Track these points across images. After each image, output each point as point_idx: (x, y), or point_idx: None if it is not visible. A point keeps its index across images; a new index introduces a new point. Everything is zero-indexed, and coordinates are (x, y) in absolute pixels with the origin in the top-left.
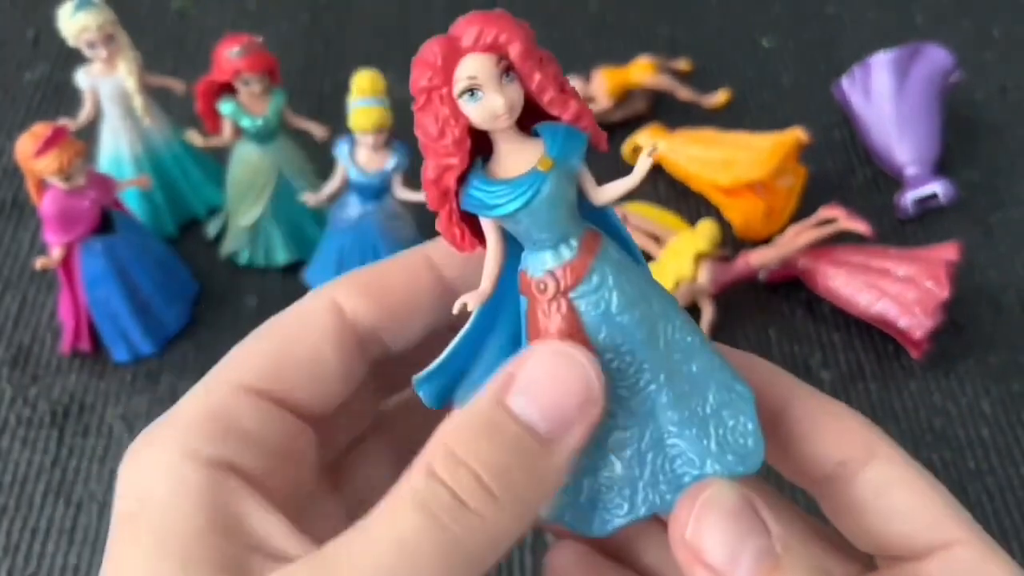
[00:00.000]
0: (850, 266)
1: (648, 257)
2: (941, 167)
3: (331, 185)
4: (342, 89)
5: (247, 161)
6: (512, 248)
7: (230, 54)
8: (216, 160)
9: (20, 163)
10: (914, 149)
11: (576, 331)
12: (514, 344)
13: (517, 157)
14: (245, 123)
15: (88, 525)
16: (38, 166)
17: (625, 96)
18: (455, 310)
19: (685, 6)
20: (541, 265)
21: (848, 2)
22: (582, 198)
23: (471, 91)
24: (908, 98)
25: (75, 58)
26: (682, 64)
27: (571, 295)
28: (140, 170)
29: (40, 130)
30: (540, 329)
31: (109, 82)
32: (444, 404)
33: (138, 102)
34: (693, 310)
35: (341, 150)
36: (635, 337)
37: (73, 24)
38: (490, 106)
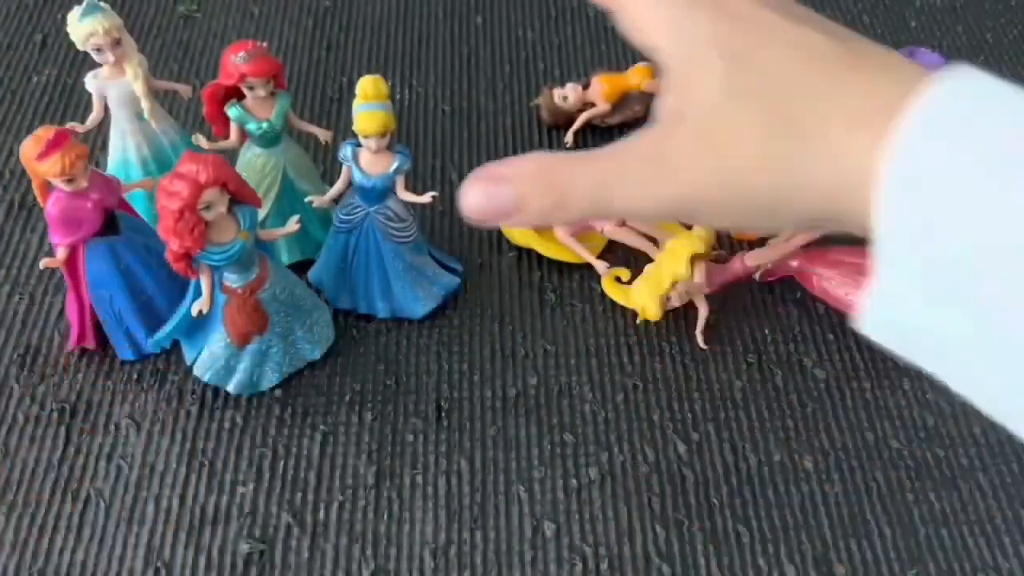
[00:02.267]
0: (844, 266)
1: (647, 259)
2: None
3: (336, 187)
4: (345, 93)
5: (253, 164)
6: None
7: (236, 59)
8: None
9: (24, 165)
10: None
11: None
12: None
13: (226, 226)
14: (251, 127)
15: (95, 522)
16: (41, 168)
17: (623, 100)
18: (193, 313)
19: None
20: (241, 279)
21: (842, 6)
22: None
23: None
24: None
25: (82, 62)
26: None
27: (257, 293)
28: (147, 172)
29: (44, 133)
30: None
31: (117, 86)
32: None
33: (145, 105)
34: (689, 308)
35: (345, 153)
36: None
37: (81, 29)
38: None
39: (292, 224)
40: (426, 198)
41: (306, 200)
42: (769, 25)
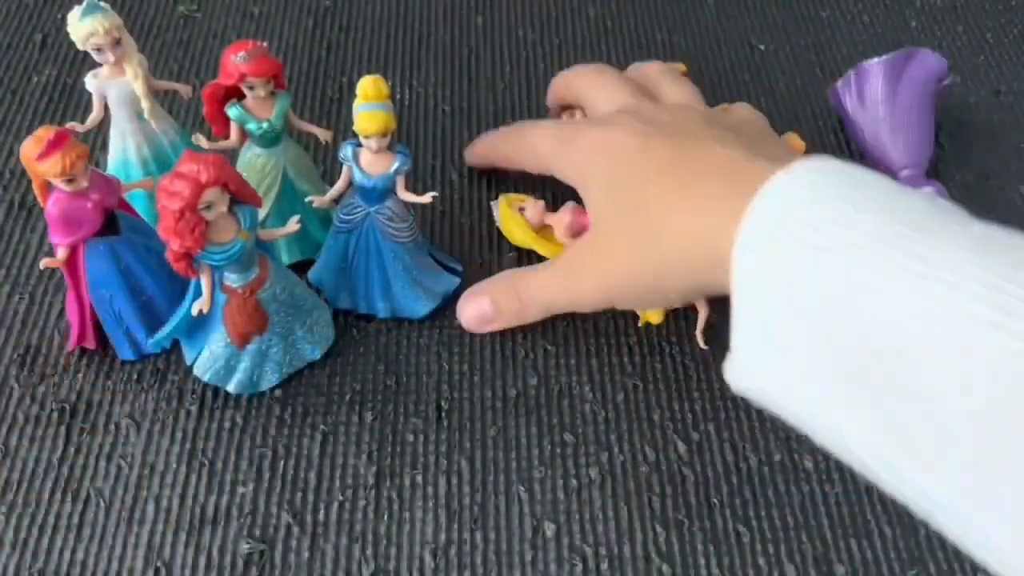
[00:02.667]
0: None
1: None
2: (934, 170)
3: (336, 187)
4: (345, 93)
5: (253, 164)
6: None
7: (236, 59)
8: None
9: (25, 166)
10: (907, 152)
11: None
12: (217, 323)
13: (226, 226)
14: (251, 127)
15: (95, 522)
16: (42, 169)
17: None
18: (193, 313)
19: (682, 12)
20: (241, 279)
21: (843, 6)
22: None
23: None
24: (901, 102)
25: (82, 62)
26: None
27: (257, 293)
28: (147, 172)
29: (43, 133)
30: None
31: (117, 85)
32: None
33: (145, 105)
34: (690, 308)
35: (345, 153)
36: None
37: (81, 28)
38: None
39: (293, 224)
40: (426, 198)
41: (306, 200)
42: (629, 157)
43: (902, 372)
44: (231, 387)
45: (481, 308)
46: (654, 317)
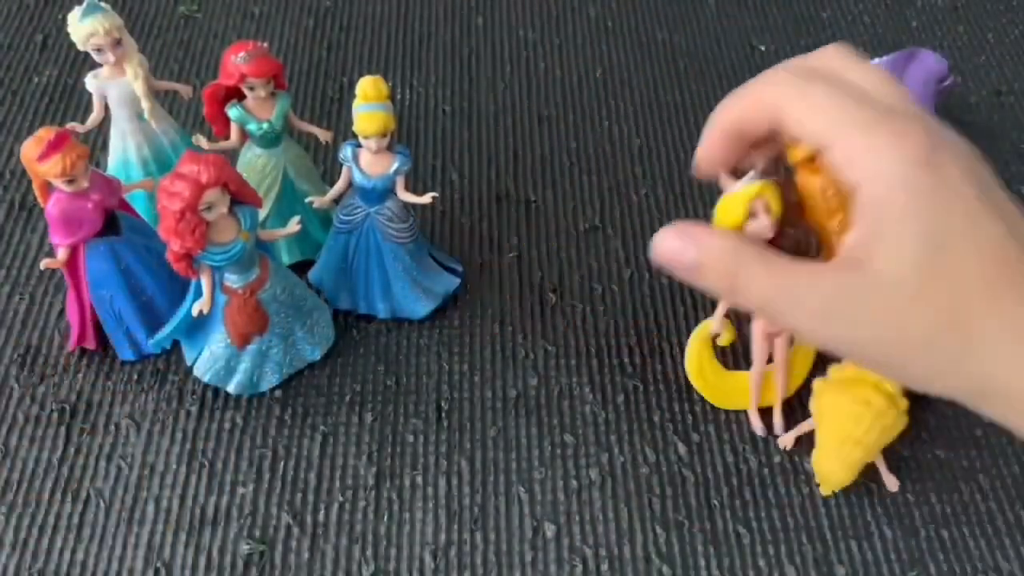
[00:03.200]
0: None
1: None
2: None
3: (336, 188)
4: (345, 93)
5: (253, 164)
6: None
7: (236, 59)
8: None
9: (25, 166)
10: None
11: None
12: (217, 323)
13: (226, 226)
14: (251, 127)
15: (95, 522)
16: (42, 169)
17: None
18: (194, 313)
19: (682, 12)
20: (241, 280)
21: (844, 7)
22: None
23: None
24: None
25: (83, 62)
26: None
27: (258, 293)
28: (147, 173)
29: (44, 134)
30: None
31: (117, 86)
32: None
33: (146, 105)
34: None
35: (345, 153)
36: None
37: (82, 29)
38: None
39: (293, 225)
40: (426, 199)
41: (306, 201)
42: (970, 213)
43: None
44: (231, 388)
45: (682, 254)
46: (726, 339)
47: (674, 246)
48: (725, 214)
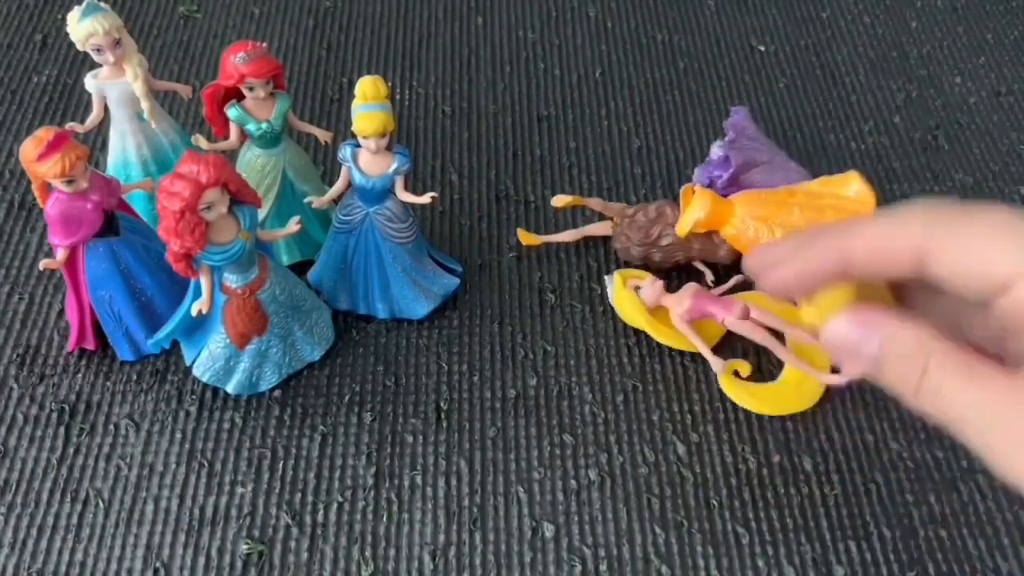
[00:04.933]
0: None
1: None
2: (936, 171)
3: (335, 188)
4: (345, 93)
5: (252, 164)
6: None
7: (236, 60)
8: None
9: (24, 167)
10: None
11: (258, 310)
12: (215, 322)
13: (226, 226)
14: (251, 127)
15: (94, 522)
16: (41, 170)
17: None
18: (193, 313)
19: (682, 13)
20: (240, 280)
21: (844, 7)
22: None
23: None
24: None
25: (82, 62)
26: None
27: (257, 293)
28: (147, 173)
29: (43, 134)
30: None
31: (116, 86)
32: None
33: (145, 106)
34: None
35: (344, 153)
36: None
37: (81, 29)
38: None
39: (293, 225)
40: (426, 199)
41: (305, 201)
42: None
43: None
44: (230, 388)
45: (860, 343)
46: (744, 369)
47: (850, 334)
48: (620, 305)
